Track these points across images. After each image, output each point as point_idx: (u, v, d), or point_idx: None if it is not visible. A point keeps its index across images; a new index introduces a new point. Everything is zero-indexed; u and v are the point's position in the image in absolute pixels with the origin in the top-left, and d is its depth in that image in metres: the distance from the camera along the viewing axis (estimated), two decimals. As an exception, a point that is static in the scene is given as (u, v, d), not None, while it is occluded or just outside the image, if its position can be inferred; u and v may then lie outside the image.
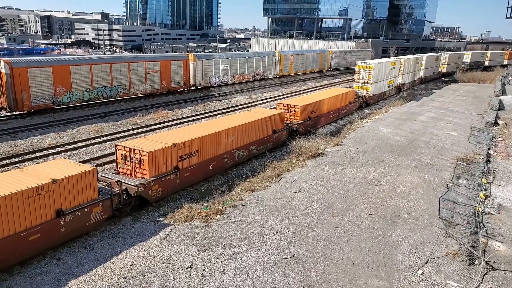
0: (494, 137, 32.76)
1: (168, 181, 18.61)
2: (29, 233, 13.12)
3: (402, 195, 19.64)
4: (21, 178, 13.69)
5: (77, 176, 14.42)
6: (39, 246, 13.55)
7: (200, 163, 20.61)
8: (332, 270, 13.33)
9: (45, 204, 13.53)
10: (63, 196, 14.07)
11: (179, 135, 20.44)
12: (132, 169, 17.87)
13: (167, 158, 18.44)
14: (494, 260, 14.22)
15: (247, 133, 24.25)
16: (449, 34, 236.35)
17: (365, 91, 44.92)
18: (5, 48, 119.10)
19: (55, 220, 13.86)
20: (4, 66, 30.27)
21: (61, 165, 15.41)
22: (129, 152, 17.81)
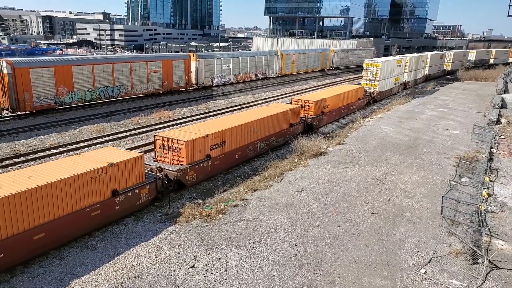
0: (496, 135, 32.65)
1: (201, 168, 20.65)
2: (92, 209, 15.13)
3: (404, 194, 19.59)
4: (81, 162, 15.60)
5: (129, 161, 16.33)
6: (99, 221, 15.52)
7: (228, 152, 22.59)
8: (334, 269, 13.30)
9: (103, 185, 15.41)
10: (118, 178, 15.97)
11: (209, 127, 22.45)
12: (170, 157, 19.88)
13: (200, 147, 20.46)
14: (497, 258, 14.17)
15: (267, 126, 26.08)
16: (451, 33, 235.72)
17: (373, 88, 46.71)
18: (7, 48, 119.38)
19: (111, 199, 15.79)
20: (6, 67, 30.32)
21: (111, 151, 17.35)
22: (167, 141, 19.81)
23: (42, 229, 13.42)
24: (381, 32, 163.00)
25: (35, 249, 13.47)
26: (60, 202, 13.94)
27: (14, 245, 12.71)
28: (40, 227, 13.37)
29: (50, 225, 13.68)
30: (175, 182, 19.13)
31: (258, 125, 25.03)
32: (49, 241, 13.81)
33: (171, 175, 18.83)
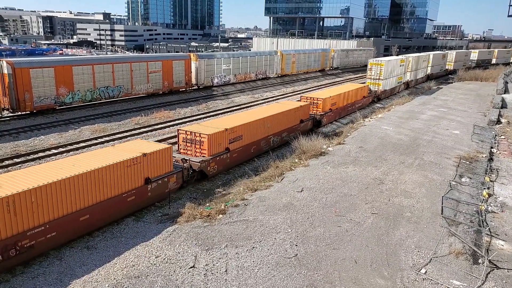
0: (496, 135, 32.64)
1: (221, 160, 22.13)
2: (128, 195, 16.59)
3: (405, 194, 19.58)
4: (117, 153, 16.92)
5: (159, 152, 17.78)
6: (133, 206, 16.99)
7: (244, 146, 24.05)
8: (335, 269, 13.30)
9: (138, 173, 16.83)
10: (150, 167, 17.40)
11: (228, 122, 23.90)
12: (192, 149, 21.38)
13: (220, 141, 21.94)
14: (497, 258, 14.17)
15: (279, 121, 27.44)
16: (451, 33, 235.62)
17: (377, 86, 48.10)
18: (7, 48, 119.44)
19: (144, 186, 17.21)
20: (7, 67, 30.33)
21: (141, 143, 18.90)
22: (190, 135, 21.32)
23: (86, 211, 14.94)
24: (381, 32, 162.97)
25: (81, 229, 14.99)
26: (101, 187, 15.36)
27: (64, 225, 14.20)
28: (85, 210, 14.89)
29: (93, 208, 15.17)
30: (198, 172, 20.72)
31: (271, 121, 26.44)
32: (92, 222, 15.29)
33: (195, 166, 20.42)
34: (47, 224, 13.66)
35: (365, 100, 44.65)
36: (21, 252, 13.03)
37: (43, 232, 13.54)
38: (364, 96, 44.39)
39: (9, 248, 12.69)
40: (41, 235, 13.51)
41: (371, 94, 47.00)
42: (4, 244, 12.48)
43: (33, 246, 13.38)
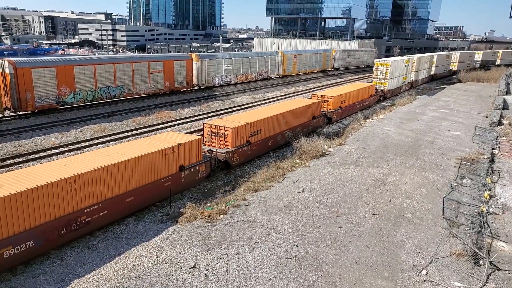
0: (498, 136, 32.58)
1: (243, 151, 23.87)
2: (165, 180, 18.26)
3: (406, 195, 19.56)
4: (155, 143, 18.62)
5: (191, 142, 19.55)
6: (169, 191, 18.53)
7: (263, 139, 25.81)
8: (335, 270, 13.28)
9: (173, 161, 18.54)
10: (184, 156, 19.17)
11: (248, 117, 25.72)
12: (217, 141, 23.22)
13: (242, 134, 23.69)
14: (498, 260, 14.14)
15: (294, 117, 29.20)
16: (452, 34, 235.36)
17: (383, 86, 50.11)
18: (9, 48, 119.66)
19: (178, 173, 19.00)
20: (8, 67, 30.40)
21: (173, 135, 20.81)
22: (215, 128, 23.21)
23: (131, 193, 16.57)
24: (382, 33, 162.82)
25: (126, 209, 16.60)
26: (143, 173, 17.04)
27: (114, 205, 15.89)
28: (130, 192, 16.53)
29: (137, 191, 16.83)
30: (223, 162, 22.60)
31: (287, 116, 28.21)
32: (135, 203, 16.93)
33: (220, 156, 22.29)
34: (100, 203, 15.39)
35: (371, 98, 46.44)
36: (80, 227, 14.76)
37: (97, 210, 15.30)
38: (371, 94, 46.23)
39: (71, 222, 14.40)
40: (96, 212, 15.27)
41: (377, 93, 48.65)
42: (68, 219, 14.22)
43: (90, 222, 15.12)
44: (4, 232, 12.35)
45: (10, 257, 12.54)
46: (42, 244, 13.47)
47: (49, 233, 13.63)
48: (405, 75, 57.09)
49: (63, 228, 14.06)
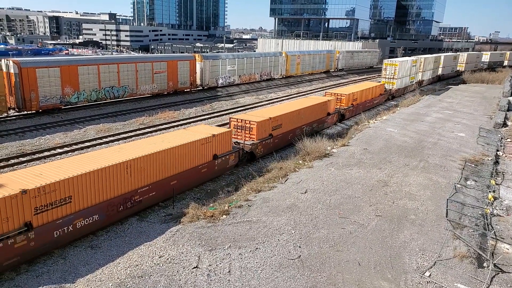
0: (502, 138, 32.42)
1: (266, 144, 25.66)
2: (202, 167, 20.39)
3: (409, 196, 19.49)
4: (192, 134, 20.60)
5: (223, 134, 21.47)
6: (205, 176, 20.90)
7: (283, 133, 27.54)
8: (338, 271, 13.25)
9: (209, 150, 20.56)
10: (217, 146, 21.08)
11: (270, 112, 27.64)
12: (242, 134, 24.91)
13: (265, 127, 25.48)
14: (502, 262, 14.06)
15: (311, 113, 31.03)
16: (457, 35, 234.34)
17: (391, 85, 51.96)
18: (14, 48, 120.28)
19: (212, 161, 21.02)
20: (13, 66, 30.56)
21: (206, 127, 22.95)
22: (241, 122, 25.01)
23: (175, 177, 18.54)
24: (386, 33, 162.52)
25: (170, 191, 18.51)
26: (184, 159, 19.03)
27: (161, 187, 17.76)
28: (174, 176, 18.49)
29: (179, 175, 18.79)
30: (249, 153, 24.34)
31: (305, 112, 30.06)
32: (178, 187, 18.93)
33: (246, 148, 24.10)
34: (150, 185, 17.23)
35: (381, 97, 48.34)
36: (133, 205, 16.65)
37: (147, 191, 17.18)
38: (381, 93, 48.19)
39: (127, 200, 16.30)
40: (146, 193, 17.14)
41: (386, 92, 50.45)
42: (124, 197, 16.13)
43: (141, 201, 17.00)
44: (77, 206, 14.37)
45: (81, 228, 14.62)
46: (104, 218, 15.50)
47: (110, 209, 15.65)
48: (413, 75, 58.77)
49: (121, 205, 16.08)
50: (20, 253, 12.78)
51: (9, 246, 12.41)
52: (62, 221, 13.92)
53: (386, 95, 50.64)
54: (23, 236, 12.77)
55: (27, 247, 12.91)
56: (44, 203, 13.27)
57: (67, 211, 14.02)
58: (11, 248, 12.49)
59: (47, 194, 13.28)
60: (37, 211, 13.11)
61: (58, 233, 13.86)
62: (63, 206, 13.87)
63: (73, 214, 14.21)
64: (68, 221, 14.11)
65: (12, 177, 13.77)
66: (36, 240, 13.14)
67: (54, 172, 14.34)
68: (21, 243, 12.73)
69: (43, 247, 13.51)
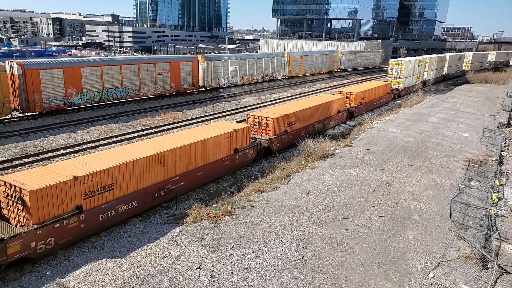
0: (507, 138, 32.26)
1: (281, 139, 27.01)
2: (224, 160, 21.78)
3: (412, 197, 19.42)
4: (214, 129, 22.11)
5: (243, 129, 22.99)
6: (227, 169, 22.38)
7: (297, 129, 28.88)
8: (341, 272, 13.21)
9: (230, 144, 22.00)
10: (237, 140, 22.55)
11: (284, 109, 29.05)
12: (259, 130, 26.21)
13: (281, 124, 26.71)
14: (507, 263, 13.98)
15: (322, 111, 32.45)
16: (460, 34, 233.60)
17: (397, 84, 53.37)
18: (17, 50, 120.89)
19: (233, 155, 22.45)
20: (17, 68, 30.69)
21: (226, 123, 24.24)
22: (258, 119, 26.25)
23: (201, 169, 20.12)
24: (389, 34, 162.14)
25: (198, 181, 20.29)
26: (210, 152, 20.51)
27: (190, 177, 19.41)
28: (201, 168, 20.09)
29: (205, 167, 20.35)
30: (266, 148, 25.61)
31: (317, 110, 31.42)
32: (204, 177, 20.59)
33: (264, 143, 25.44)
34: (180, 175, 18.78)
35: (388, 96, 49.63)
36: (166, 193, 18.15)
37: (178, 181, 18.74)
38: (388, 92, 49.48)
39: (161, 189, 17.80)
40: (177, 182, 18.71)
41: (392, 91, 51.72)
42: (158, 186, 17.62)
43: (173, 190, 18.49)
44: (119, 193, 15.82)
45: (122, 212, 16.09)
46: (141, 205, 16.97)
47: (146, 196, 17.11)
48: (418, 75, 60.00)
49: (155, 193, 17.55)
50: (72, 233, 14.40)
51: (64, 226, 14.07)
52: (107, 206, 15.44)
53: (393, 94, 51.80)
54: (75, 218, 14.37)
55: (78, 228, 14.53)
56: (92, 189, 14.77)
57: (110, 197, 15.53)
58: (66, 228, 14.12)
59: (94, 181, 14.78)
60: (86, 196, 14.63)
61: (103, 217, 15.40)
62: (107, 192, 15.37)
63: (115, 200, 15.73)
64: (111, 206, 15.62)
65: (62, 166, 15.29)
66: (85, 222, 14.74)
67: (98, 162, 15.77)
68: (74, 224, 14.37)
69: (90, 229, 15.04)
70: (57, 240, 13.86)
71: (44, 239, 13.44)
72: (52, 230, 13.65)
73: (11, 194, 13.41)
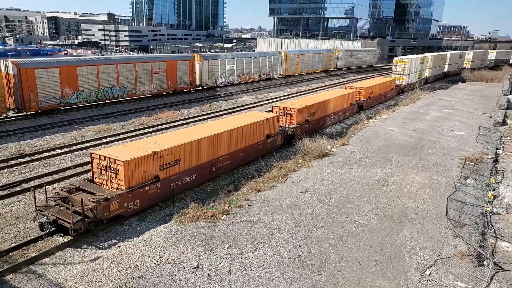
0: (502, 136, 32.44)
1: (304, 128, 29.75)
2: (258, 144, 24.95)
3: (409, 195, 19.50)
4: (248, 117, 25.14)
5: (274, 118, 26.31)
6: (260, 152, 25.39)
7: (316, 119, 31.96)
8: (338, 270, 13.25)
9: (263, 131, 25.12)
10: (269, 127, 25.62)
11: (305, 101, 31.93)
12: (284, 119, 28.99)
13: (303, 114, 29.81)
14: (502, 260, 14.07)
15: (336, 103, 35.59)
16: (456, 33, 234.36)
17: (401, 80, 56.72)
18: (12, 49, 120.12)
19: (265, 140, 25.57)
20: (12, 67, 30.53)
21: (256, 113, 28.06)
22: (283, 110, 29.21)
23: (242, 151, 23.35)
24: (385, 32, 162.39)
25: (239, 161, 23.54)
26: (248, 137, 23.68)
27: (233, 157, 22.70)
28: (241, 150, 23.30)
29: (244, 149, 23.52)
30: (291, 135, 28.30)
31: (333, 102, 34.63)
32: (244, 158, 23.76)
33: (289, 130, 28.34)
34: (226, 155, 22.01)
35: (392, 91, 52.94)
36: (216, 170, 21.48)
37: (225, 160, 21.99)
38: (392, 88, 52.79)
39: (213, 166, 21.18)
40: (224, 161, 21.99)
41: (396, 87, 54.82)
42: (211, 163, 20.99)
43: (221, 167, 21.86)
44: (184, 167, 18.98)
45: (185, 183, 19.40)
46: (199, 178, 20.28)
47: (202, 171, 20.43)
48: (421, 72, 63.25)
49: (209, 168, 20.90)
50: (151, 198, 17.44)
51: (146, 192, 17.11)
52: (175, 177, 18.63)
53: (397, 90, 54.98)
54: (154, 185, 17.43)
55: (155, 194, 17.60)
56: (165, 162, 17.80)
57: (177, 170, 18.68)
58: (147, 193, 17.18)
59: (166, 156, 17.82)
60: (161, 168, 17.69)
61: (172, 186, 18.56)
62: (175, 166, 18.50)
63: (181, 173, 18.94)
64: (178, 177, 18.83)
65: (139, 144, 18.46)
66: (161, 189, 17.81)
67: (165, 141, 18.89)
68: (153, 191, 17.40)
69: (163, 195, 18.14)
70: (141, 202, 16.91)
71: (133, 201, 16.55)
72: (138, 194, 16.72)
73: (105, 165, 16.34)
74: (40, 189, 18.51)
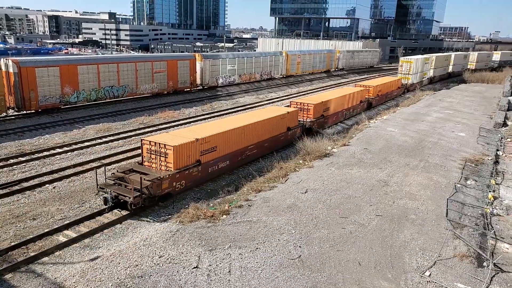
0: (503, 138, 32.40)
1: (320, 122, 32.02)
2: (280, 136, 26.89)
3: (409, 196, 19.47)
4: (271, 111, 27.14)
5: (294, 112, 28.35)
6: (281, 143, 27.29)
7: (330, 114, 34.10)
8: (338, 271, 13.23)
9: (284, 123, 27.11)
10: (289, 121, 27.60)
11: (320, 97, 33.96)
12: (301, 114, 30.81)
13: (319, 109, 31.76)
14: (502, 262, 14.05)
15: (349, 100, 37.83)
16: (457, 34, 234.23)
17: (406, 80, 58.65)
18: (13, 47, 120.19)
19: (286, 132, 27.57)
20: (12, 66, 30.51)
21: (277, 108, 30.50)
22: (300, 105, 31.18)
23: (266, 141, 25.38)
24: (387, 33, 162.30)
25: (264, 151, 25.33)
26: (271, 129, 25.60)
27: (259, 147, 24.63)
28: (266, 140, 25.31)
29: (268, 140, 25.52)
30: (308, 128, 30.33)
31: (346, 99, 36.90)
32: (267, 148, 25.60)
33: (307, 124, 30.41)
34: (253, 145, 24.05)
35: (398, 90, 54.82)
36: (245, 158, 23.59)
37: (253, 149, 24.09)
38: (399, 87, 54.79)
39: (242, 154, 23.30)
40: (252, 150, 24.07)
41: (402, 86, 56.56)
42: (241, 151, 23.06)
43: (249, 155, 23.92)
44: (219, 154, 21.15)
45: (220, 168, 21.64)
46: (231, 164, 22.42)
47: (234, 158, 22.58)
48: (425, 72, 65.33)
49: (239, 156, 23.03)
50: (193, 179, 19.72)
51: (190, 174, 19.34)
52: (213, 162, 20.88)
53: (403, 89, 56.75)
54: (196, 168, 19.68)
55: (197, 176, 19.88)
56: (204, 148, 20.01)
57: (214, 156, 20.88)
58: (191, 175, 19.42)
59: (206, 143, 20.04)
60: (202, 153, 19.94)
61: (210, 170, 20.85)
62: (213, 152, 20.69)
63: (217, 158, 21.15)
64: (215, 162, 21.09)
65: (180, 132, 20.79)
66: (201, 172, 20.09)
67: (202, 130, 21.03)
68: (195, 173, 19.68)
69: (203, 178, 20.45)
70: (186, 183, 19.09)
71: (180, 181, 18.71)
72: (184, 175, 18.89)
73: (154, 150, 18.51)
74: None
